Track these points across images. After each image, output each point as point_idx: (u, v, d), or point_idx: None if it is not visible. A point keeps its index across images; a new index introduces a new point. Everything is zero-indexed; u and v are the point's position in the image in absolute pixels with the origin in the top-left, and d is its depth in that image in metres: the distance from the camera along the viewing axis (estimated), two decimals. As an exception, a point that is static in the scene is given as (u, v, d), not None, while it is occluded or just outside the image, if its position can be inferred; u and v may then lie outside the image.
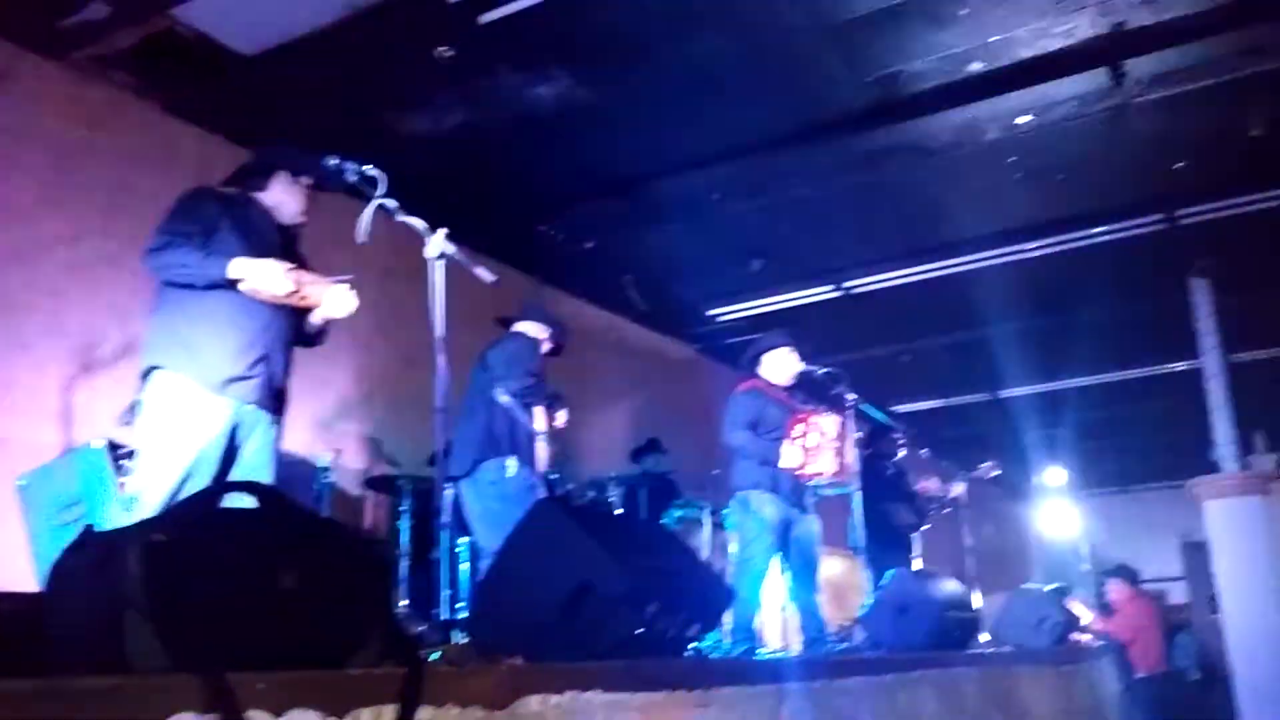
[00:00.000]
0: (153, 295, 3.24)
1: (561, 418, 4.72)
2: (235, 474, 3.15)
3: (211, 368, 3.10)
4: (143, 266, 3.16)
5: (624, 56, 5.18)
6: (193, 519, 2.15)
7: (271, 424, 3.28)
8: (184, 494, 2.98)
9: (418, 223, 3.35)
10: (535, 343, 4.81)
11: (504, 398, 4.52)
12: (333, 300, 3.28)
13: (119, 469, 3.96)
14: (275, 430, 3.31)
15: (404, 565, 5.26)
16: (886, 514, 7.06)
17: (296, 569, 1.95)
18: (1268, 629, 7.24)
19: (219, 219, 3.22)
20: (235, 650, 1.74)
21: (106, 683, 1.44)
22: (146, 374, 3.12)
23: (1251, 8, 4.93)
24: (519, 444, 4.52)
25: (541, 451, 4.55)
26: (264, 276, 3.10)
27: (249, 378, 3.16)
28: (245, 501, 2.59)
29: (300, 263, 3.38)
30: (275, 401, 3.29)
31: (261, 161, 3.53)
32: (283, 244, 3.40)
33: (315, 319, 3.41)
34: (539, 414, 4.55)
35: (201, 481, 3.04)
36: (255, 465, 3.18)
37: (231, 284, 3.09)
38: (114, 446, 4.02)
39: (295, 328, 3.38)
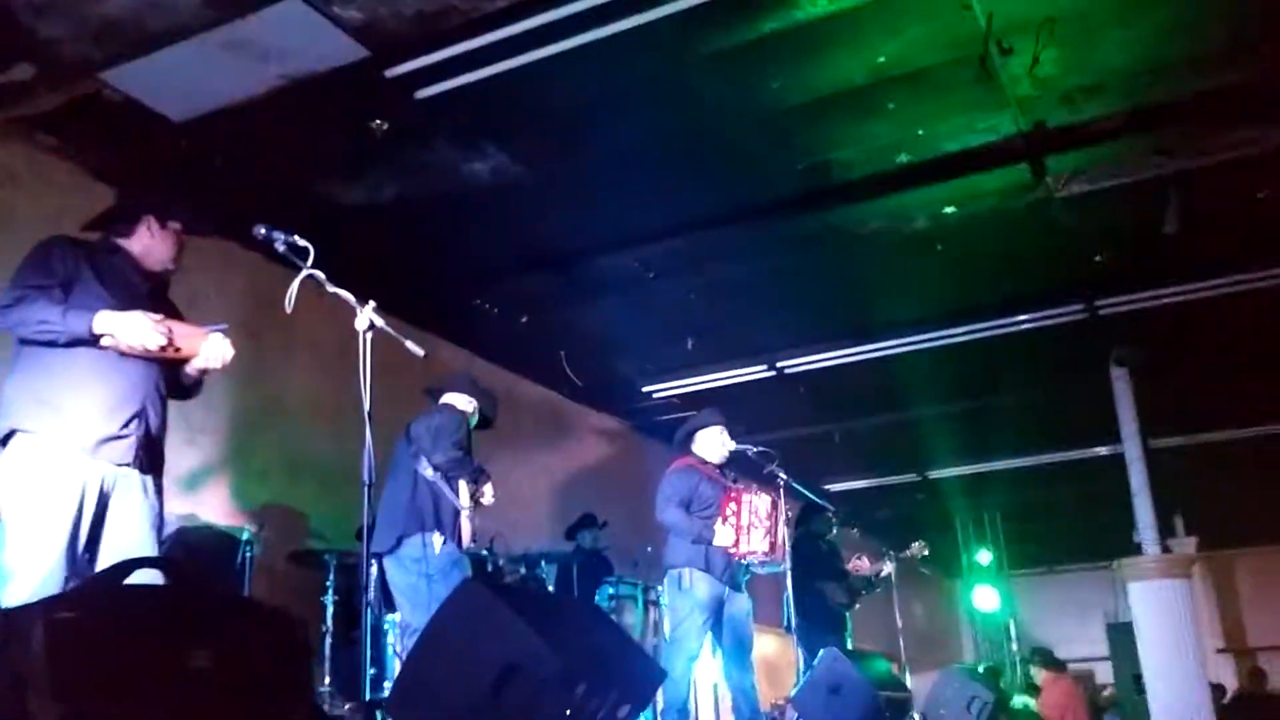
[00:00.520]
0: (12, 351, 3.03)
1: (488, 492, 4.64)
2: (108, 540, 2.94)
3: (80, 429, 2.91)
4: None
5: (559, 135, 5.26)
6: (99, 595, 2.08)
7: (146, 486, 3.07)
8: (57, 565, 2.79)
9: (347, 295, 3.30)
10: (462, 415, 4.75)
11: (428, 471, 4.45)
12: (208, 350, 3.11)
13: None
14: (153, 493, 3.10)
15: (328, 643, 5.10)
16: (819, 592, 7.07)
17: (211, 648, 1.88)
18: (1191, 708, 7.35)
19: (78, 269, 3.02)
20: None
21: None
22: (5, 439, 2.91)
23: (1164, 111, 5.20)
24: (443, 519, 4.43)
25: (466, 527, 4.47)
26: (132, 330, 2.93)
27: (122, 437, 2.98)
28: (153, 577, 2.51)
29: (172, 311, 3.22)
30: (151, 461, 3.09)
31: (126, 206, 3.36)
32: (151, 292, 3.21)
33: (191, 370, 3.23)
34: (464, 488, 4.48)
35: (74, 551, 2.84)
36: (130, 529, 2.98)
37: (96, 339, 2.93)
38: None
39: (169, 380, 3.20)
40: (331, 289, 3.27)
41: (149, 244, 3.25)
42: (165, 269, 3.30)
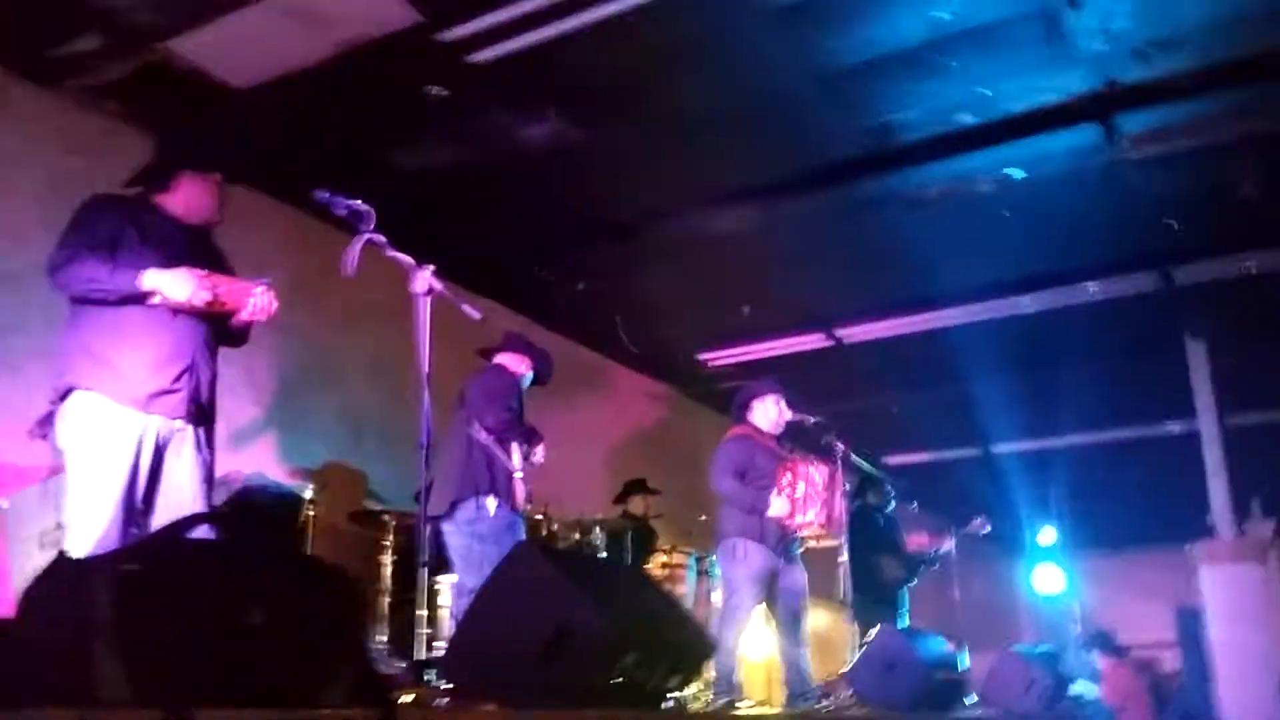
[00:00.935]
0: (67, 311, 3.09)
1: (540, 453, 4.63)
2: (164, 493, 3.01)
3: (132, 384, 2.97)
4: (49, 284, 3.02)
5: (616, 100, 5.22)
6: (163, 550, 2.11)
7: (198, 439, 3.12)
8: (115, 518, 2.86)
9: (405, 258, 3.32)
10: (514, 377, 4.75)
11: (481, 434, 4.46)
12: (253, 303, 3.12)
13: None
14: (204, 446, 3.14)
15: (385, 603, 5.17)
16: (875, 567, 6.98)
17: (266, 605, 1.90)
18: (1260, 698, 7.15)
19: (123, 228, 3.06)
20: (202, 685, 1.69)
21: (71, 714, 1.39)
22: (64, 395, 2.98)
23: (1243, 69, 4.98)
24: (497, 482, 4.44)
25: (519, 489, 4.47)
26: (178, 287, 2.96)
27: (173, 391, 3.03)
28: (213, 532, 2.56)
29: (216, 263, 3.24)
30: (201, 415, 3.13)
31: (163, 159, 3.33)
32: (194, 246, 3.21)
33: (237, 321, 3.24)
34: (516, 451, 4.47)
35: (131, 504, 2.92)
36: (183, 482, 3.05)
37: (145, 296, 2.97)
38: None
39: (218, 333, 3.23)
40: (390, 253, 3.30)
41: (189, 198, 3.24)
42: (207, 222, 3.30)
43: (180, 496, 3.02)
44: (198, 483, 3.08)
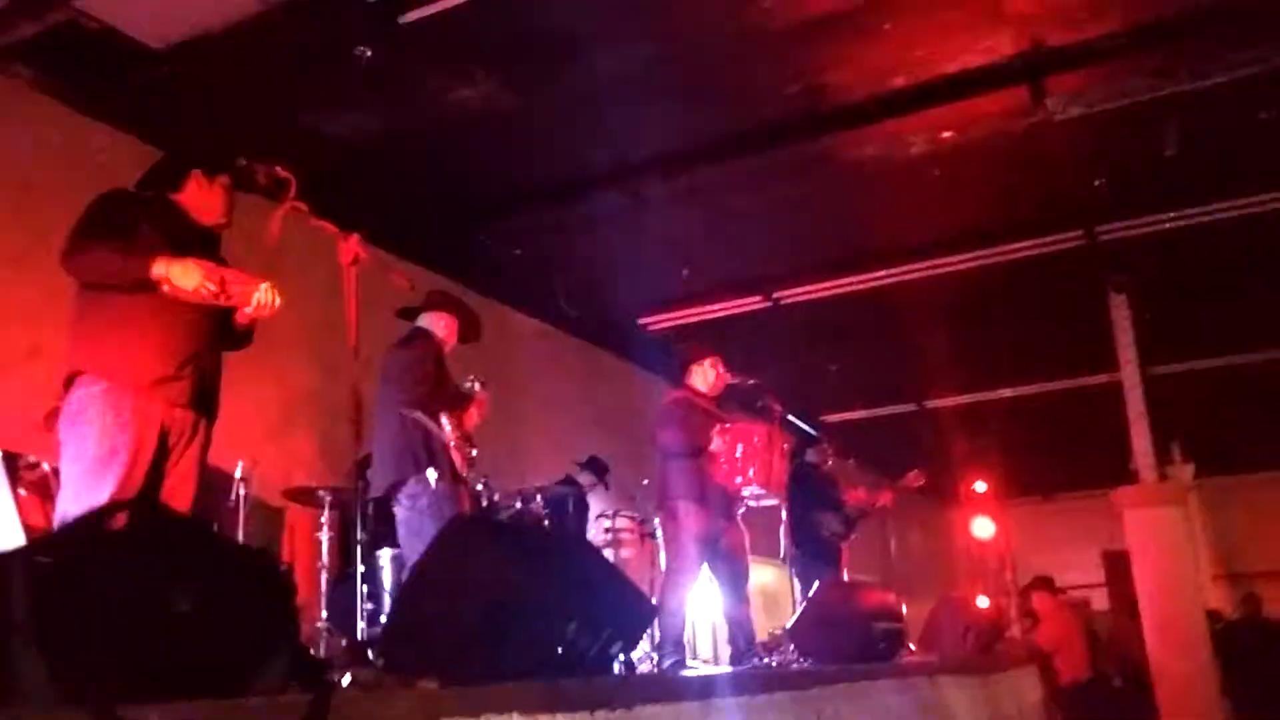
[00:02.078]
0: (74, 299, 3.10)
1: (474, 415, 4.51)
2: (168, 481, 3.04)
3: (138, 370, 2.99)
4: (63, 269, 3.03)
5: (550, 60, 5.13)
6: (81, 540, 2.05)
7: (200, 427, 3.15)
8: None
9: (329, 227, 3.24)
10: (431, 343, 4.54)
11: (408, 410, 4.31)
12: (258, 299, 3.13)
13: (15, 480, 3.78)
14: (205, 434, 3.18)
15: (324, 580, 5.12)
16: (815, 524, 7.09)
17: (193, 591, 1.86)
18: (1187, 635, 7.44)
19: (136, 221, 3.09)
20: (128, 678, 1.65)
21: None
22: (69, 381, 3.00)
23: (1164, 31, 5.07)
24: (435, 454, 4.32)
25: (457, 457, 4.36)
26: (186, 276, 2.96)
27: (178, 379, 3.05)
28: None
29: (223, 264, 3.23)
30: (204, 405, 3.16)
31: (174, 162, 3.37)
32: (203, 245, 3.25)
33: (241, 319, 3.27)
34: (445, 419, 4.36)
35: (133, 490, 2.90)
36: (185, 469, 3.08)
37: (155, 284, 2.97)
38: (10, 457, 3.83)
39: (222, 329, 3.25)
40: (314, 222, 3.22)
41: (199, 199, 3.28)
42: (217, 223, 3.33)
43: (183, 484, 3.05)
44: (197, 472, 3.11)
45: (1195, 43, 5.17)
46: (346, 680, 2.44)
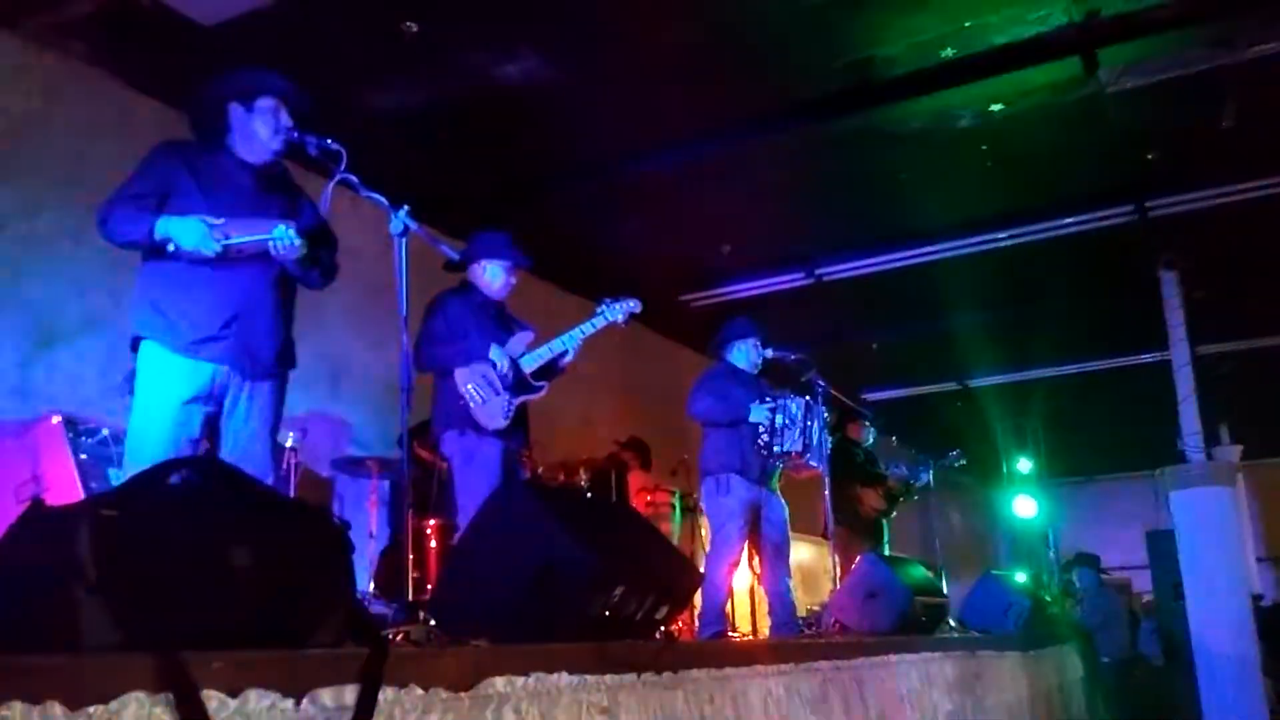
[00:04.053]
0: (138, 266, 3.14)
1: (499, 360, 4.17)
2: (226, 441, 3.07)
3: (182, 330, 3.01)
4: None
5: (592, 35, 5.11)
6: (144, 494, 2.10)
7: (258, 387, 3.11)
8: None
9: (379, 199, 3.26)
10: (470, 296, 4.35)
11: (418, 371, 4.10)
12: (273, 245, 3.06)
13: (76, 444, 3.88)
14: (268, 392, 3.14)
15: (375, 548, 5.21)
16: (856, 499, 7.09)
17: (251, 546, 1.90)
18: (1229, 616, 7.34)
19: (176, 176, 3.05)
20: (188, 628, 1.69)
21: (55, 661, 1.39)
22: (134, 345, 3.07)
23: (1220, 1, 4.94)
24: (469, 410, 4.22)
25: (494, 410, 4.24)
26: (186, 234, 2.94)
27: (220, 339, 3.03)
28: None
29: (289, 201, 3.23)
30: (256, 363, 3.11)
31: (207, 101, 3.22)
32: (258, 186, 3.18)
33: (287, 265, 3.17)
34: (460, 374, 4.13)
35: (191, 451, 2.97)
36: (241, 429, 3.08)
37: (163, 245, 2.97)
38: (71, 422, 3.94)
39: (283, 282, 3.20)
40: (365, 193, 3.24)
41: (244, 132, 3.19)
42: (271, 149, 3.19)
43: (241, 443, 3.06)
44: (254, 430, 3.09)
45: (1253, 11, 5.04)
46: (399, 637, 2.49)
